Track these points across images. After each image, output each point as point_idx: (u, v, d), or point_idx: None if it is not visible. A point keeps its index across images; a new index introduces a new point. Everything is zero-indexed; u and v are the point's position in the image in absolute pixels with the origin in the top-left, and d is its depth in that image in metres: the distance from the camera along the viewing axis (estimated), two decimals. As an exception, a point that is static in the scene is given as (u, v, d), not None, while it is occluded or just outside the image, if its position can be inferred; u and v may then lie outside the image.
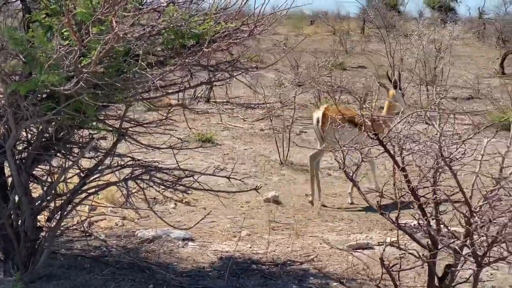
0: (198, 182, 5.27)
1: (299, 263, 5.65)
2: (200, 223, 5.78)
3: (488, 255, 3.80)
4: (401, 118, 4.19)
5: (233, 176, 5.51)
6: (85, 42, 4.09)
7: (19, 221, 4.87)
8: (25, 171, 4.78)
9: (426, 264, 4.01)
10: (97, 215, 6.51)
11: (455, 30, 16.38)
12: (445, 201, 3.89)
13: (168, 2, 4.64)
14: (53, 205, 4.98)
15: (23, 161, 4.85)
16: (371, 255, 5.66)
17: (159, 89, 4.49)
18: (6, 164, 4.91)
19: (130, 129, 5.21)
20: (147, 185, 5.18)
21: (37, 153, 4.85)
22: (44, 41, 4.12)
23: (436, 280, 4.09)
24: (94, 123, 4.87)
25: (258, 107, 13.99)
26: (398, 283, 4.09)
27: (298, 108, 12.10)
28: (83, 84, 4.00)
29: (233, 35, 4.70)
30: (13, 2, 4.99)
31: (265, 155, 10.17)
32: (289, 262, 5.67)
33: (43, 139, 4.88)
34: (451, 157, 3.83)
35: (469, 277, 4.02)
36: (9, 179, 4.95)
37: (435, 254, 3.91)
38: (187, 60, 4.48)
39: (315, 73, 13.86)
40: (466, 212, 3.79)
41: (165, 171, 5.21)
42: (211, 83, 5.60)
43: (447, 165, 3.79)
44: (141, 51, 4.15)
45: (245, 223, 6.66)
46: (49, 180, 5.12)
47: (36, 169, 5.10)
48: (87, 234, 5.99)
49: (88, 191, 5.09)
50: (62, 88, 4.02)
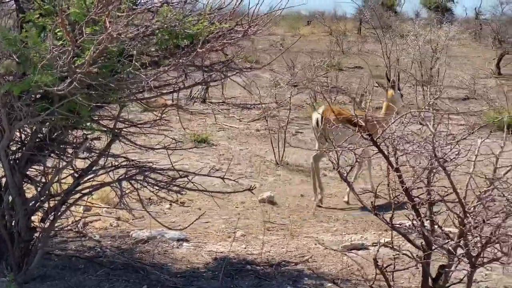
0: (192, 182, 5.25)
1: (293, 264, 5.64)
2: (194, 223, 5.78)
3: (482, 255, 3.80)
4: (395, 118, 4.19)
5: (228, 176, 5.52)
6: (78, 42, 4.09)
7: (13, 222, 4.86)
8: (19, 172, 4.78)
9: (420, 264, 4.01)
10: (92, 215, 6.50)
11: (451, 30, 16.42)
12: (439, 202, 3.90)
13: (162, 2, 4.63)
14: (47, 205, 4.97)
15: (17, 161, 4.84)
16: (366, 256, 5.66)
17: (153, 89, 4.48)
18: (-1, 164, 4.90)
19: (124, 129, 5.20)
20: (141, 186, 5.17)
21: (31, 153, 4.83)
22: (37, 41, 4.12)
23: (430, 280, 4.08)
24: (88, 124, 4.86)
25: (253, 107, 13.99)
26: (392, 283, 4.08)
27: (293, 108, 12.10)
28: (76, 84, 3.99)
29: (227, 36, 4.69)
30: (7, 2, 4.98)
31: (261, 156, 10.17)
32: (283, 262, 5.66)
33: (37, 140, 4.87)
34: (445, 157, 3.83)
35: (463, 277, 4.01)
36: (3, 180, 4.94)
37: (429, 254, 3.91)
38: (181, 60, 4.48)
39: (311, 73, 13.87)
40: (460, 212, 3.79)
41: (159, 171, 5.20)
42: (205, 84, 5.59)
43: (440, 165, 3.80)
44: (135, 52, 4.16)
45: (240, 223, 6.66)
46: (43, 180, 5.10)
47: (30, 169, 5.09)
48: (81, 234, 5.99)
49: (82, 192, 5.08)
50: (55, 88, 4.01)
